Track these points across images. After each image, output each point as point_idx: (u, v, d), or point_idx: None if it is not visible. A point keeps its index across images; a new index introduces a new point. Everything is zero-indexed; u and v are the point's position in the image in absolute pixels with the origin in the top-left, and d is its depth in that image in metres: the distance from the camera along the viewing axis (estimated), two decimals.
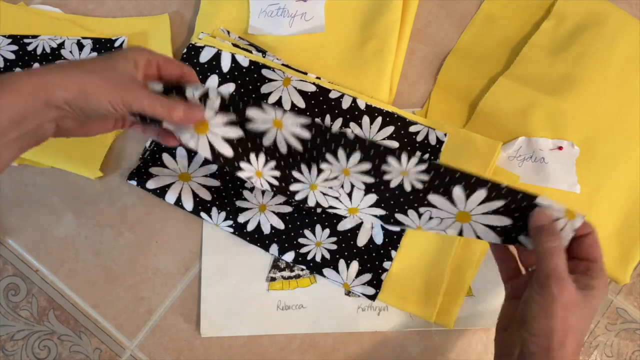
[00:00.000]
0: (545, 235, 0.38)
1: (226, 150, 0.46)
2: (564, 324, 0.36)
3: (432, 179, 0.41)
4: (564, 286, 0.36)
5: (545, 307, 0.36)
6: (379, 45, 0.58)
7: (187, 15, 0.63)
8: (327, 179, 0.48)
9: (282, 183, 0.49)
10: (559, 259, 0.37)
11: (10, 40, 0.59)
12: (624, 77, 0.57)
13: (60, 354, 0.55)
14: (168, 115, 0.41)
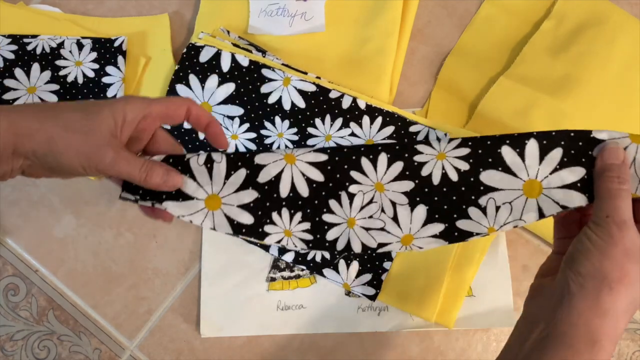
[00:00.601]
0: (610, 176, 0.33)
1: (245, 218, 0.39)
2: (621, 271, 0.31)
3: (473, 151, 0.37)
4: (627, 230, 0.32)
5: (601, 248, 0.32)
6: (379, 45, 0.58)
7: (187, 15, 0.63)
8: (362, 206, 0.40)
9: (316, 235, 0.40)
10: (624, 201, 0.33)
11: (10, 40, 0.59)
12: (624, 77, 0.57)
13: (60, 354, 0.55)
14: (144, 181, 0.37)
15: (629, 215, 0.32)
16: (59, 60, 0.59)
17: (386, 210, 0.39)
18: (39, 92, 0.57)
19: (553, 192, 0.35)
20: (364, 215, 0.39)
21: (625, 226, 0.32)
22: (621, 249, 0.31)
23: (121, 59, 0.59)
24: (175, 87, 0.56)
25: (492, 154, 0.36)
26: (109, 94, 0.58)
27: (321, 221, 0.40)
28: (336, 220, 0.40)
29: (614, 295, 0.31)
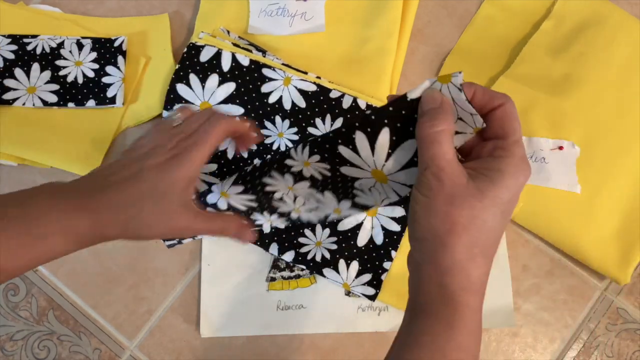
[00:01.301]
0: (421, 122, 0.30)
1: None
2: (448, 221, 0.29)
3: (321, 156, 0.37)
4: (445, 177, 0.29)
5: (425, 205, 0.30)
6: (379, 45, 0.58)
7: (187, 14, 0.63)
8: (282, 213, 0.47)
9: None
10: (440, 146, 0.29)
11: (10, 40, 0.59)
12: (624, 76, 0.57)
13: (60, 354, 0.55)
14: (220, 235, 0.41)
15: (448, 158, 0.29)
16: (59, 60, 0.59)
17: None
18: (39, 92, 0.57)
19: (396, 176, 0.34)
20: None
21: (443, 172, 0.29)
22: (443, 198, 0.29)
23: (121, 59, 0.59)
24: (176, 87, 0.56)
25: (335, 154, 0.36)
26: (108, 94, 0.57)
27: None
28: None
29: (450, 249, 0.29)
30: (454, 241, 0.29)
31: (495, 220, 0.30)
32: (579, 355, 0.54)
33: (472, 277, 0.30)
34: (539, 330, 0.54)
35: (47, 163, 0.57)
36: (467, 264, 0.30)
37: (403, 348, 0.31)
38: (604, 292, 0.55)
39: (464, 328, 0.30)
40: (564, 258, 0.55)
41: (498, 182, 0.29)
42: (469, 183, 0.29)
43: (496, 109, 0.31)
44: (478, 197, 0.29)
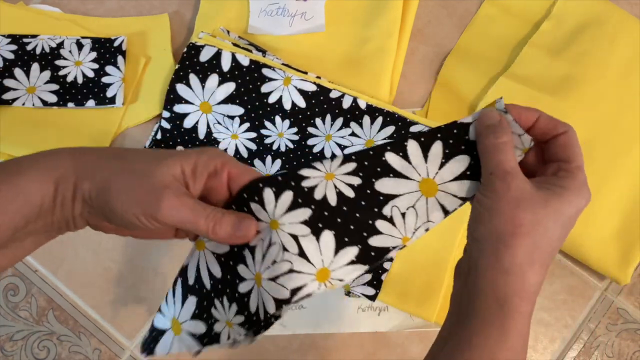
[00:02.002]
0: (485, 133, 0.32)
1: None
2: (512, 223, 0.29)
3: (359, 164, 0.34)
4: (511, 180, 0.30)
5: (489, 206, 0.30)
6: (379, 45, 0.58)
7: (187, 14, 0.63)
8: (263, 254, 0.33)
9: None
10: (504, 154, 0.31)
11: (10, 40, 0.59)
12: (624, 77, 0.57)
13: (60, 354, 0.55)
14: (212, 232, 0.32)
15: (512, 165, 0.31)
16: (59, 60, 0.59)
17: (289, 248, 0.32)
18: (38, 92, 0.57)
19: (449, 186, 0.34)
20: (267, 264, 0.32)
21: (510, 176, 0.30)
22: (509, 200, 0.30)
23: (121, 59, 0.59)
24: (176, 87, 0.56)
25: (378, 162, 0.34)
26: (108, 94, 0.57)
27: (235, 294, 0.34)
28: (247, 285, 0.34)
29: (512, 250, 0.29)
30: (517, 243, 0.29)
31: (557, 231, 0.30)
32: (580, 356, 0.54)
33: (527, 283, 0.30)
34: (539, 331, 0.54)
35: None
36: (526, 269, 0.30)
37: (455, 349, 0.31)
38: (604, 292, 0.55)
39: (516, 332, 0.31)
40: (564, 258, 0.55)
41: (562, 196, 0.30)
42: (533, 191, 0.30)
43: (559, 135, 0.32)
44: (542, 205, 0.30)
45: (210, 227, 0.31)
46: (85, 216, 0.32)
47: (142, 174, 0.31)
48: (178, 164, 0.32)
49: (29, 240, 0.32)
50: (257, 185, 0.33)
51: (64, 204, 0.31)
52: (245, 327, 0.33)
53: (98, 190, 0.31)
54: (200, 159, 0.32)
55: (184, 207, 0.31)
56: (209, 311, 0.34)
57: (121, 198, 0.31)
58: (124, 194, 0.31)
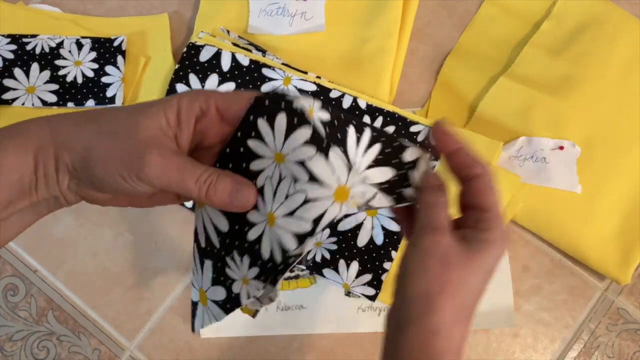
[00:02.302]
0: (429, 192, 0.32)
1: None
2: (440, 282, 0.30)
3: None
4: (440, 238, 0.30)
5: (417, 263, 0.30)
6: (379, 44, 0.58)
7: (187, 14, 0.63)
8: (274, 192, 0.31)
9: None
10: (439, 211, 0.31)
11: (9, 40, 0.59)
12: (624, 76, 0.57)
13: (60, 354, 0.55)
14: (205, 197, 0.29)
15: (444, 223, 0.31)
16: (58, 60, 0.59)
17: (299, 176, 0.29)
18: (38, 92, 0.57)
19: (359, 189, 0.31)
20: (280, 201, 0.30)
21: (439, 233, 0.31)
22: (437, 258, 0.30)
23: (121, 59, 0.59)
24: (176, 87, 0.56)
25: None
26: (108, 94, 0.57)
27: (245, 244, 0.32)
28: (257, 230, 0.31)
29: (440, 311, 0.30)
30: (444, 304, 0.30)
31: (479, 286, 0.31)
32: (580, 356, 0.54)
33: (454, 340, 0.30)
34: (539, 331, 0.54)
35: None
36: (453, 327, 0.30)
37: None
38: (604, 292, 0.55)
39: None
40: (565, 258, 0.55)
41: (485, 252, 0.31)
42: (460, 248, 0.30)
43: (475, 179, 0.32)
44: (467, 262, 0.30)
45: (204, 192, 0.29)
46: (73, 189, 0.30)
47: (124, 133, 0.28)
48: (161, 113, 0.29)
49: (15, 219, 0.30)
50: (248, 119, 0.31)
51: (47, 179, 0.29)
52: (261, 279, 0.30)
53: (80, 160, 0.29)
54: (182, 102, 0.30)
55: (171, 167, 0.28)
56: (224, 272, 0.32)
57: (104, 164, 0.28)
58: (106, 159, 0.28)
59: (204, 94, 0.30)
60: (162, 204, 0.34)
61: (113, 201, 0.32)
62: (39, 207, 0.30)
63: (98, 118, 0.30)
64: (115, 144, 0.28)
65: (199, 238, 0.33)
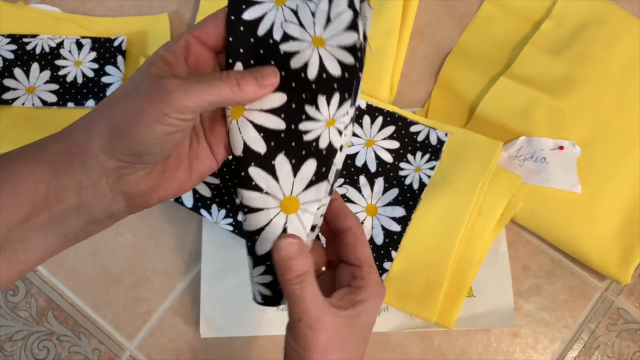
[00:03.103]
0: (288, 279, 0.31)
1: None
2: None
3: None
4: (319, 329, 0.30)
5: (299, 354, 0.31)
6: (379, 44, 0.58)
7: (187, 14, 0.63)
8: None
9: None
10: (307, 297, 0.30)
11: (9, 40, 0.59)
12: (624, 76, 0.57)
13: (60, 354, 0.55)
14: (239, 94, 0.29)
15: (318, 307, 0.31)
16: (59, 60, 0.59)
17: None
18: (38, 92, 0.57)
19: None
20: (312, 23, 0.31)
21: (317, 324, 0.30)
22: (318, 349, 0.30)
23: (121, 59, 0.59)
24: None
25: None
26: (108, 94, 0.57)
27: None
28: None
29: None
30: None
31: (362, 345, 0.32)
32: (580, 356, 0.53)
33: None
34: (539, 331, 0.54)
35: None
36: None
37: None
38: (604, 292, 0.55)
39: None
40: (565, 258, 0.55)
41: (363, 312, 0.32)
42: (338, 323, 0.31)
43: (346, 232, 0.33)
44: (347, 333, 0.31)
45: (236, 85, 0.29)
46: (112, 176, 0.28)
47: (135, 92, 0.28)
48: (154, 66, 0.29)
49: (36, 240, 0.28)
50: (231, 20, 0.31)
51: (76, 177, 0.27)
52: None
53: (114, 127, 0.27)
54: (163, 50, 0.30)
55: (193, 84, 0.28)
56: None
57: (137, 117, 0.27)
58: (137, 112, 0.27)
59: (181, 34, 0.31)
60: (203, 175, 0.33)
61: (155, 187, 0.30)
62: (65, 224, 0.28)
63: (103, 102, 0.29)
64: (136, 99, 0.28)
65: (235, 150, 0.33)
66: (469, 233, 0.52)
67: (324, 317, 0.31)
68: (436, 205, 0.53)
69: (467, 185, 0.52)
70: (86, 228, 0.29)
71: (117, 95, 0.29)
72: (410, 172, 0.54)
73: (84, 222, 0.29)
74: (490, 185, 0.53)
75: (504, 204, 0.53)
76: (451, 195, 0.52)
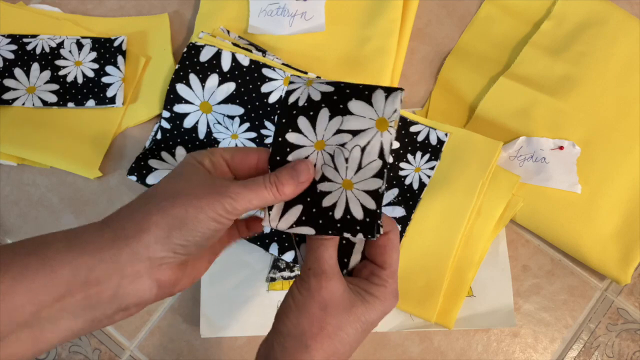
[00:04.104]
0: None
1: None
2: (318, 326, 0.31)
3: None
4: (325, 281, 0.31)
5: (300, 304, 0.31)
6: (379, 44, 0.58)
7: (187, 14, 0.63)
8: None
9: None
10: (326, 250, 0.32)
11: (10, 40, 0.59)
12: (624, 76, 0.57)
13: (60, 354, 0.55)
14: (279, 194, 0.32)
15: (331, 264, 0.32)
16: (59, 60, 0.59)
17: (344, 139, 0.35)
18: (38, 92, 0.57)
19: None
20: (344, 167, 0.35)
21: (325, 276, 0.31)
22: (319, 301, 0.31)
23: (121, 59, 0.59)
24: (176, 87, 0.56)
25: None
26: (108, 93, 0.57)
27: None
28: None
29: (310, 353, 0.30)
30: (317, 346, 0.30)
31: (356, 336, 0.32)
32: (580, 356, 0.54)
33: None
34: (539, 331, 0.54)
35: (47, 163, 0.57)
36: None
37: None
38: (604, 292, 0.55)
39: None
40: (565, 258, 0.55)
41: (369, 305, 0.32)
42: (344, 294, 0.31)
43: (383, 234, 0.33)
44: (348, 310, 0.31)
45: (276, 190, 0.31)
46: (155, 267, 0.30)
47: (197, 188, 0.31)
48: (202, 162, 0.32)
49: (63, 322, 0.28)
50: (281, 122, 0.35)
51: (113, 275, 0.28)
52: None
53: (172, 228, 0.29)
54: (206, 157, 0.33)
55: (245, 189, 0.31)
56: None
57: (196, 217, 0.29)
58: (196, 212, 0.30)
59: (213, 154, 0.34)
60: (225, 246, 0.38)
61: (181, 276, 0.32)
62: (96, 309, 0.29)
63: (156, 195, 0.31)
64: (195, 197, 0.30)
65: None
66: (468, 233, 0.53)
67: (332, 276, 0.31)
68: (436, 205, 0.53)
69: (467, 185, 0.52)
70: (114, 316, 0.30)
71: (170, 189, 0.31)
72: (410, 172, 0.54)
73: (115, 309, 0.30)
74: (490, 185, 0.53)
75: (503, 204, 0.53)
76: (451, 195, 0.52)
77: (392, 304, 0.33)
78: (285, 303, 0.33)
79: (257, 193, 0.31)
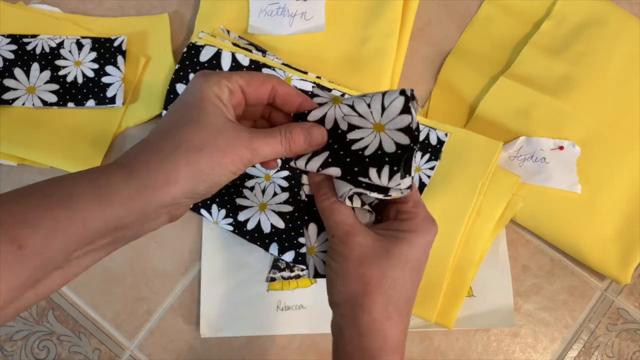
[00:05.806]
0: (318, 195, 0.34)
1: None
2: (361, 282, 0.31)
3: None
4: (352, 241, 0.31)
5: (338, 271, 0.32)
6: (379, 45, 0.58)
7: (187, 14, 0.63)
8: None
9: None
10: (339, 212, 0.32)
11: (10, 40, 0.59)
12: (624, 76, 0.57)
13: (60, 354, 0.55)
14: (290, 151, 0.33)
15: (350, 223, 0.32)
16: (59, 60, 0.59)
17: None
18: (38, 92, 0.57)
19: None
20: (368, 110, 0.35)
21: (350, 236, 0.31)
22: (353, 261, 0.31)
23: (121, 59, 0.59)
24: (176, 87, 0.56)
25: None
26: (108, 93, 0.57)
27: None
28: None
29: (366, 310, 0.31)
30: (369, 301, 0.31)
31: (405, 278, 0.32)
32: (580, 356, 0.54)
33: (389, 336, 0.31)
34: (539, 331, 0.54)
35: (47, 163, 0.57)
36: (384, 324, 0.31)
37: None
38: (604, 292, 0.55)
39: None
40: (565, 258, 0.55)
41: (406, 242, 0.31)
42: (375, 243, 0.31)
43: None
44: (385, 256, 0.31)
45: (288, 147, 0.32)
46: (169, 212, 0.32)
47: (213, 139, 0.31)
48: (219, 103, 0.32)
49: (90, 257, 0.30)
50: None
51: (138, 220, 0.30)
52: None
53: (190, 187, 0.30)
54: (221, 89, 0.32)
55: (262, 140, 0.31)
56: None
57: (217, 170, 0.30)
58: (216, 167, 0.30)
59: (229, 80, 0.33)
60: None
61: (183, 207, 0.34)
62: (119, 243, 0.31)
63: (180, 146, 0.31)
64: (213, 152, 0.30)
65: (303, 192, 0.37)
66: (468, 233, 0.53)
67: (356, 232, 0.31)
68: (436, 205, 0.53)
69: (467, 185, 0.52)
70: (129, 240, 0.32)
71: (197, 140, 0.31)
72: None
73: (133, 240, 0.32)
74: (490, 185, 0.53)
75: (503, 204, 0.53)
76: (451, 195, 0.52)
77: (431, 230, 0.33)
78: (328, 277, 0.33)
79: (274, 148, 0.32)
